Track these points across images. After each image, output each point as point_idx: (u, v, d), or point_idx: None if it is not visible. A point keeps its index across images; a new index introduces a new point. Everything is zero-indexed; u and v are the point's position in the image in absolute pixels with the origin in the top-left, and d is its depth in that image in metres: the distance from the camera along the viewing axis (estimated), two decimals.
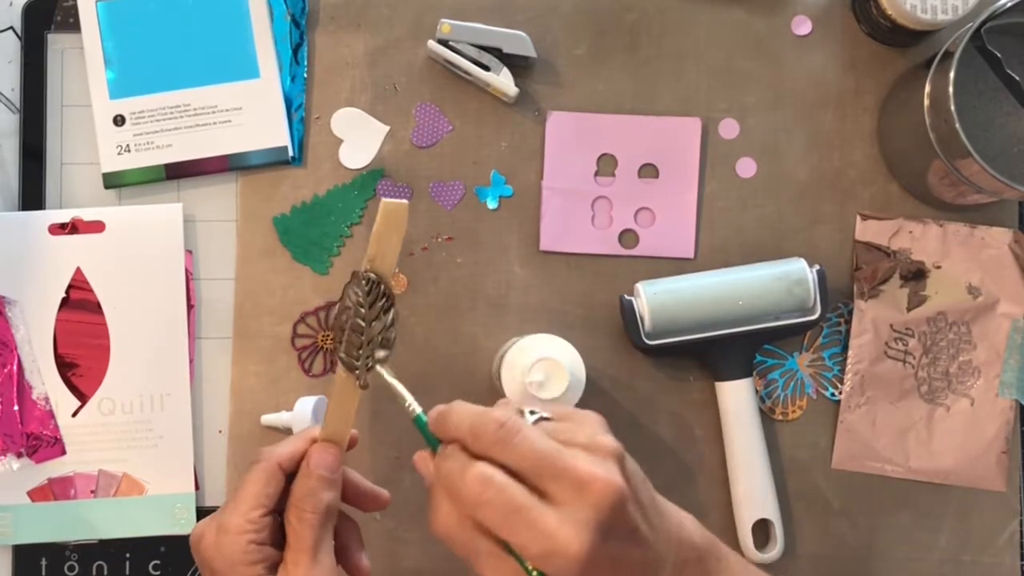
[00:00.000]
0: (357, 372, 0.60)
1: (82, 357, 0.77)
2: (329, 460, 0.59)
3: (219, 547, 0.57)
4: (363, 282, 0.60)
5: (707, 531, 0.57)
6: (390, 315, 0.60)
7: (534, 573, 0.51)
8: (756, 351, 0.77)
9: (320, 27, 0.80)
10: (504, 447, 0.51)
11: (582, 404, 0.68)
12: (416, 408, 0.58)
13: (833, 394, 0.78)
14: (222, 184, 0.79)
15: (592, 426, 0.54)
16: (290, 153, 0.79)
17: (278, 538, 0.58)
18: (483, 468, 0.51)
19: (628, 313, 0.75)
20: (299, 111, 0.79)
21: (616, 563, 0.51)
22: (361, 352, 0.60)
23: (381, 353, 0.60)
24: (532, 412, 0.54)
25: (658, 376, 0.78)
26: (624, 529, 0.52)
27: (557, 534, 0.49)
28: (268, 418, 0.77)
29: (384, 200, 0.59)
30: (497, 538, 0.51)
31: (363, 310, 0.60)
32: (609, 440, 0.53)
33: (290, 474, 0.59)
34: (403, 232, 0.60)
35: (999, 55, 0.70)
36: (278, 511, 0.59)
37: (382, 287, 0.60)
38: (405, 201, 0.59)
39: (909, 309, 0.78)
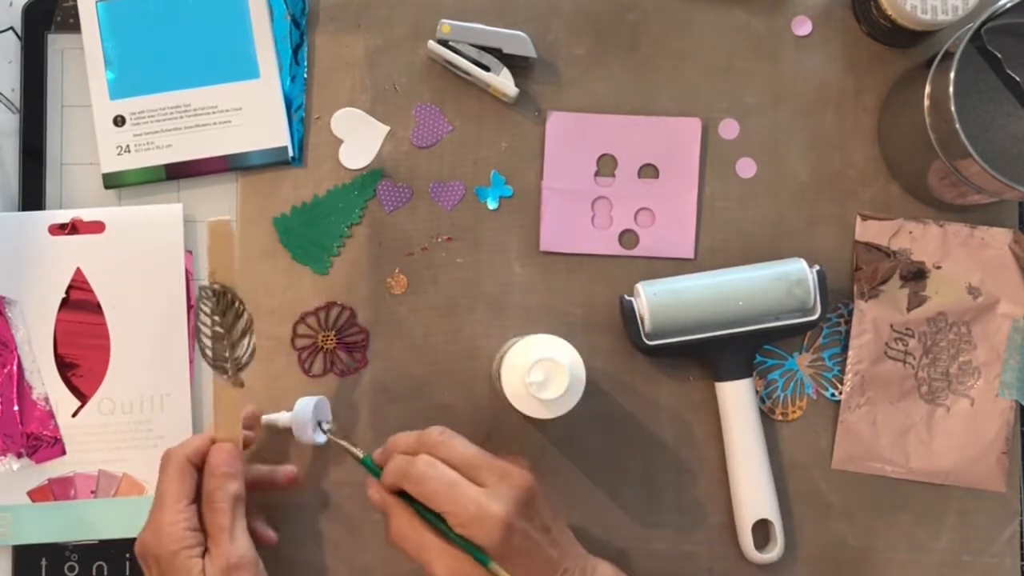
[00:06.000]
0: (229, 374, 0.70)
1: (82, 357, 0.77)
2: (225, 457, 0.69)
3: (160, 541, 0.66)
4: (210, 292, 0.68)
5: None
6: (244, 318, 0.69)
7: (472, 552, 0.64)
8: (756, 351, 0.77)
9: (320, 27, 0.80)
10: (444, 446, 0.66)
11: (582, 404, 0.68)
12: (360, 453, 0.70)
13: (833, 394, 0.78)
14: (222, 184, 0.79)
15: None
16: (290, 153, 0.79)
17: (202, 527, 0.67)
18: (428, 456, 0.66)
19: (628, 313, 0.75)
20: (299, 111, 0.79)
21: (530, 544, 0.64)
22: (228, 355, 0.69)
23: (243, 351, 0.70)
24: None
25: (658, 376, 0.78)
26: (537, 520, 0.65)
27: (484, 502, 0.64)
28: (268, 418, 0.77)
29: (208, 220, 0.67)
30: (442, 535, 0.65)
31: (217, 318, 0.69)
32: (526, 462, 0.68)
33: (199, 468, 0.69)
34: (233, 244, 0.69)
35: (999, 55, 0.70)
36: (197, 501, 0.68)
37: (229, 295, 0.68)
38: (227, 217, 0.70)
39: (909, 309, 0.78)
